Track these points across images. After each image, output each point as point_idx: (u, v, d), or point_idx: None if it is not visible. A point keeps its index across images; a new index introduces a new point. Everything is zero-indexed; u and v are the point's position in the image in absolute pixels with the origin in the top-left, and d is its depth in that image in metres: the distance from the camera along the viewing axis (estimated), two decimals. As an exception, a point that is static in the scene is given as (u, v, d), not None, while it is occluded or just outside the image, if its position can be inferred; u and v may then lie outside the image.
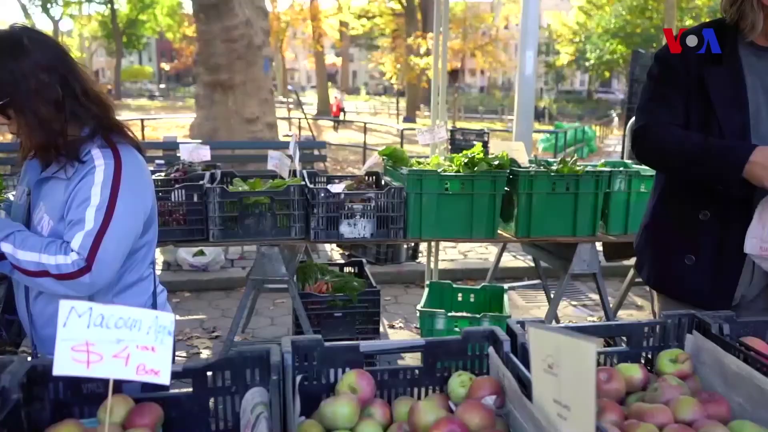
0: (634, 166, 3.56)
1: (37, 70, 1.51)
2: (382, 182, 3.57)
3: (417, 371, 1.39)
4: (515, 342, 1.35)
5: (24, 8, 47.07)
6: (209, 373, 1.28)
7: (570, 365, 0.95)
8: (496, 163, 3.22)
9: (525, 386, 1.16)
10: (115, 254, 1.58)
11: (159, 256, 6.15)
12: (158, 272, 5.55)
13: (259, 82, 9.19)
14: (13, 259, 1.53)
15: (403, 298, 5.19)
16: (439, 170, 3.23)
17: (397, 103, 32.13)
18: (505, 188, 3.26)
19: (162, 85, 52.61)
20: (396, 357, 3.50)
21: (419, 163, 3.59)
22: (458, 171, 3.25)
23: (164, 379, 1.07)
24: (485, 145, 7.25)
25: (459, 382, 1.34)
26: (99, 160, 1.59)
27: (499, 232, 3.35)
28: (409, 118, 27.40)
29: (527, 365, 1.13)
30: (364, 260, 3.97)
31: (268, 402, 1.23)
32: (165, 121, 21.90)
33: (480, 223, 3.25)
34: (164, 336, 1.06)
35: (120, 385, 1.22)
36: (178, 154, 4.05)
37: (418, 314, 3.60)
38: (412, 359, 3.15)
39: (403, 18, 29.21)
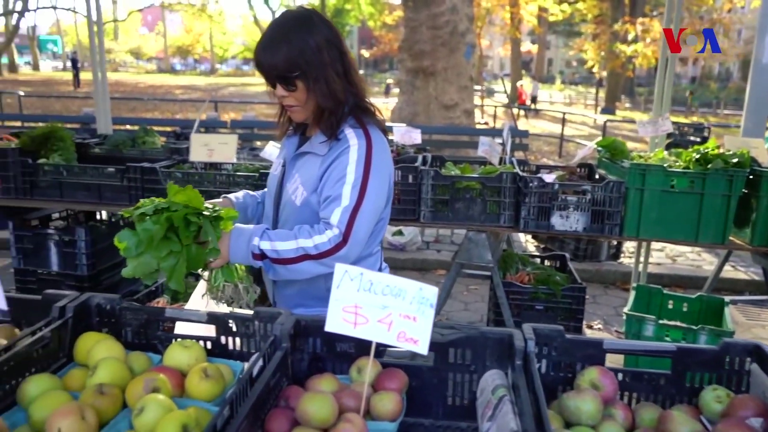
0: None
1: (326, 44, 1.65)
2: (596, 175, 3.41)
3: (663, 378, 1.30)
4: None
5: (249, 0, 52.38)
6: (451, 349, 1.31)
7: None
8: (735, 161, 2.89)
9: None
10: (366, 230, 1.68)
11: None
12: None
13: (460, 68, 9.25)
14: (274, 253, 1.64)
15: (602, 298, 4.93)
16: (664, 165, 2.99)
17: (597, 93, 30.37)
18: (743, 190, 2.92)
19: (361, 71, 55.30)
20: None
21: (640, 156, 3.36)
22: (687, 167, 2.98)
23: (422, 348, 1.12)
24: (704, 141, 6.57)
25: (714, 396, 1.23)
26: (353, 140, 1.70)
27: (729, 238, 3.02)
28: (608, 109, 25.77)
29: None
30: (567, 255, 3.83)
31: (508, 385, 1.24)
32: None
33: (708, 227, 2.95)
34: (426, 307, 1.11)
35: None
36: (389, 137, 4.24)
37: (624, 317, 3.39)
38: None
39: (608, 2, 27.41)
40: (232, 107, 16.74)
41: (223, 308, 1.62)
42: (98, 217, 4.07)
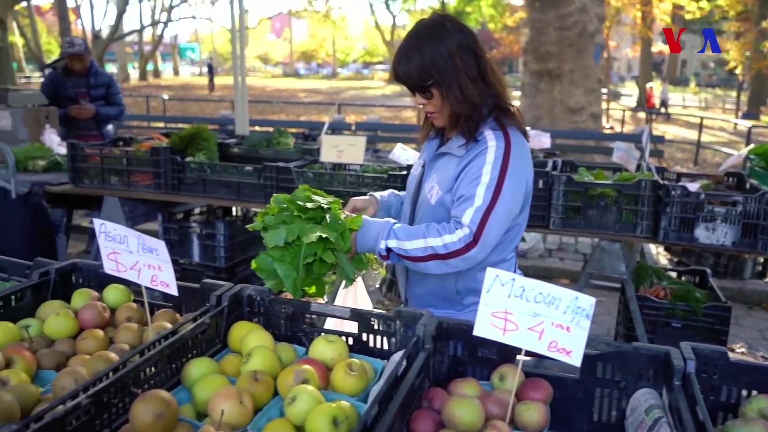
0: None
1: (458, 49, 1.65)
2: (747, 185, 3.13)
3: None
4: None
5: (371, 5, 53.56)
6: (599, 363, 1.26)
7: None
8: None
9: None
10: (497, 232, 1.66)
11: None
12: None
13: (588, 70, 8.89)
14: (401, 251, 1.66)
15: (746, 320, 4.53)
16: (833, 176, 2.69)
17: (738, 96, 27.99)
18: None
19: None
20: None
21: (800, 166, 3.05)
22: None
23: (575, 360, 1.07)
24: None
25: None
26: (491, 141, 1.68)
27: None
28: (751, 113, 23.63)
29: None
30: (708, 270, 3.55)
31: (663, 406, 1.16)
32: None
33: None
34: (581, 318, 1.06)
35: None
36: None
37: (775, 342, 3.09)
38: None
39: (755, -2, 25.11)
40: (353, 110, 17.22)
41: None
42: (234, 212, 4.33)
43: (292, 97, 27.63)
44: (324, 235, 1.52)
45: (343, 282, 1.70)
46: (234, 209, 4.28)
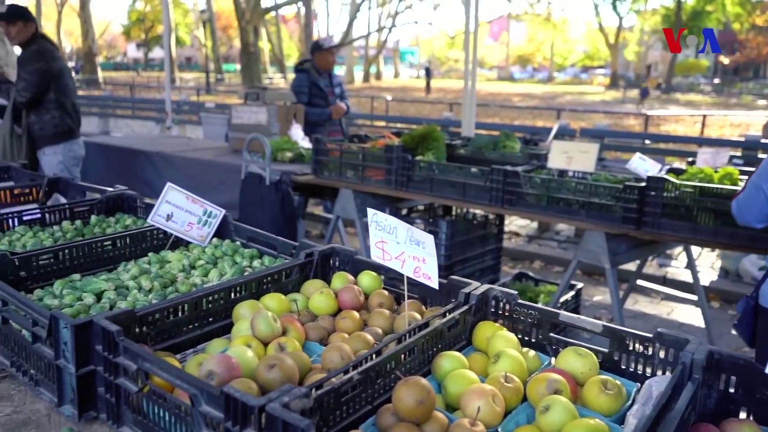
0: None
1: None
2: None
3: None
4: None
5: (596, 7, 51.05)
6: None
7: None
8: None
9: None
10: None
11: (716, 261, 5.79)
12: (714, 278, 5.22)
13: None
14: None
15: None
16: None
17: None
18: None
19: (716, 80, 49.24)
20: None
21: None
22: None
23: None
24: None
25: None
26: None
27: None
28: None
29: None
30: None
31: None
32: (716, 119, 20.49)
33: None
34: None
35: None
36: (761, 155, 3.64)
37: None
38: None
39: None
40: (570, 116, 16.56)
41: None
42: (453, 212, 4.41)
43: (506, 101, 27.45)
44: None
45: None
46: (454, 209, 4.36)
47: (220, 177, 4.64)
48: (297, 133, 4.95)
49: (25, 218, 2.12)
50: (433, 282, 1.33)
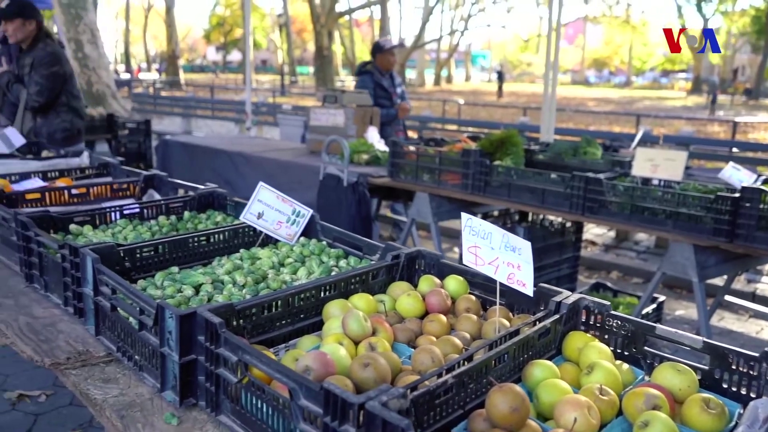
0: None
1: None
2: None
3: None
4: None
5: (679, 8, 48.95)
6: None
7: None
8: None
9: None
10: None
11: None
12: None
13: None
14: None
15: None
16: None
17: None
18: None
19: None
20: None
21: None
22: None
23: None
24: None
25: None
26: None
27: None
28: None
29: None
30: None
31: None
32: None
33: None
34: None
35: None
36: None
37: None
38: None
39: None
40: (650, 122, 15.96)
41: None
42: (529, 218, 4.34)
43: (581, 105, 26.75)
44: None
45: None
46: (530, 215, 4.29)
47: (298, 177, 4.76)
48: (373, 135, 5.01)
49: (125, 212, 2.25)
50: (528, 289, 1.32)
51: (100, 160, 3.21)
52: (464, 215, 1.35)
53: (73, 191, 2.60)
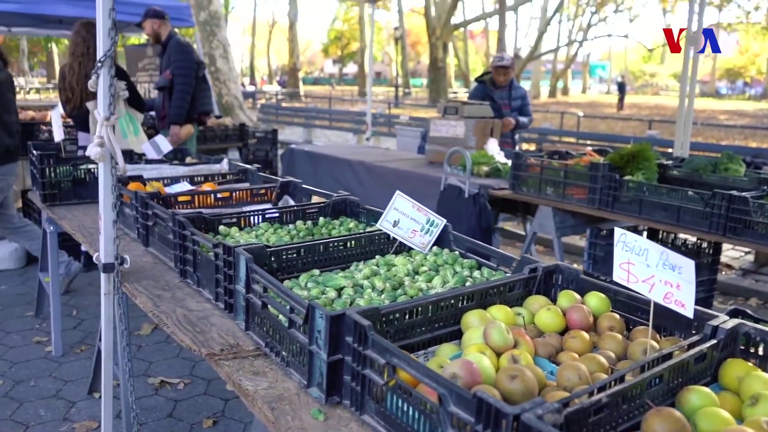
0: None
1: None
2: None
3: None
4: None
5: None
6: None
7: None
8: None
9: None
10: None
11: None
12: None
13: None
14: None
15: None
16: None
17: None
18: None
19: None
20: None
21: None
22: None
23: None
24: None
25: None
26: None
27: None
28: None
29: None
30: None
31: None
32: None
33: None
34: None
35: None
36: None
37: None
38: None
39: None
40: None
41: None
42: (660, 236, 4.11)
43: (711, 118, 24.97)
44: None
45: None
46: (660, 233, 4.07)
47: (417, 188, 4.81)
48: (493, 147, 4.97)
49: (266, 216, 2.39)
50: (688, 311, 1.25)
51: (238, 166, 3.43)
52: (617, 230, 1.31)
53: (218, 195, 2.80)
